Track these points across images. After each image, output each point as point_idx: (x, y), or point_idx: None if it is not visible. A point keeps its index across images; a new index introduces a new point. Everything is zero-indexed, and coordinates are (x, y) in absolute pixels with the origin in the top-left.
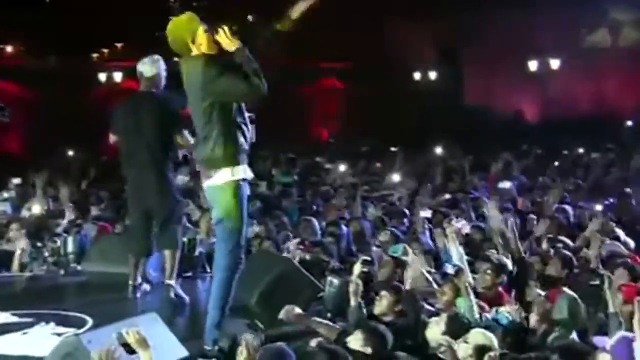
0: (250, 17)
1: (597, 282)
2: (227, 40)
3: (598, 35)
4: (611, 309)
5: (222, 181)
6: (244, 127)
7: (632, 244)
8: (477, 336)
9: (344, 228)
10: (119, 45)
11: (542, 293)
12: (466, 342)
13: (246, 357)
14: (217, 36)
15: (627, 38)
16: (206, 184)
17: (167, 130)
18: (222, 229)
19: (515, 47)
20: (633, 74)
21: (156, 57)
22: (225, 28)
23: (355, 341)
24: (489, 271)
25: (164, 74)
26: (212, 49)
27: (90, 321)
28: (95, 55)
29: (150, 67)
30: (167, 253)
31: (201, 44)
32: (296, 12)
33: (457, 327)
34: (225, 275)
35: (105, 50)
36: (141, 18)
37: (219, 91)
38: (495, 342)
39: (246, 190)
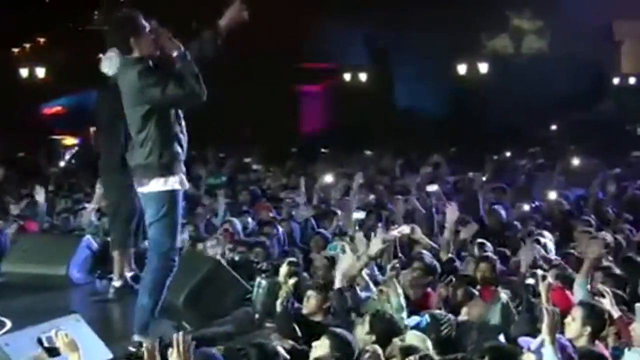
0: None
1: (532, 282)
2: (169, 43)
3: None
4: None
5: (155, 190)
6: (180, 135)
7: (553, 248)
8: (413, 339)
9: (280, 229)
10: (41, 40)
11: (475, 292)
12: (402, 341)
13: (176, 357)
14: (160, 38)
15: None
16: (139, 189)
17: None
18: (155, 231)
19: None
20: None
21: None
22: (168, 31)
23: (321, 347)
24: (418, 270)
25: None
26: (152, 49)
27: (8, 324)
28: (16, 50)
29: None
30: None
31: (142, 43)
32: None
33: (382, 327)
34: (157, 277)
35: (27, 45)
36: (66, 11)
37: (156, 99)
38: (429, 344)
39: (180, 199)
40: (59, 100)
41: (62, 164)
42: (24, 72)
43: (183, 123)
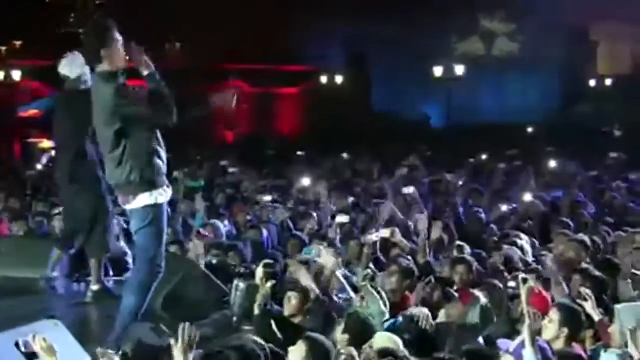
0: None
1: (513, 285)
2: (142, 61)
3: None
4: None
5: (141, 205)
6: (159, 148)
7: (529, 250)
8: (382, 340)
9: (265, 232)
10: (17, 43)
11: (455, 294)
12: (371, 347)
13: (180, 350)
14: (133, 55)
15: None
16: (124, 206)
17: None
18: (141, 238)
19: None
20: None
21: (72, 57)
22: (142, 49)
23: (298, 352)
24: (395, 274)
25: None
26: (122, 63)
27: None
28: None
29: (70, 68)
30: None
31: (112, 56)
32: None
33: (358, 328)
34: (143, 281)
35: (3, 48)
36: (41, 15)
37: (128, 119)
38: (400, 345)
39: (165, 208)
40: (34, 103)
41: (39, 167)
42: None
43: (160, 136)
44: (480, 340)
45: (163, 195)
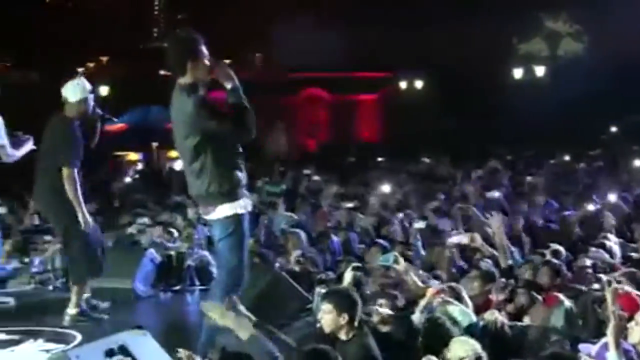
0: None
1: (598, 287)
2: (225, 75)
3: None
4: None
5: (222, 216)
6: (238, 160)
7: (618, 252)
8: (459, 345)
9: (335, 239)
10: (104, 58)
11: (539, 298)
12: (449, 352)
13: None
14: (216, 68)
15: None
16: (206, 216)
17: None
18: (222, 249)
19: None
20: None
21: (77, 81)
22: (226, 62)
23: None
24: (477, 278)
25: (90, 96)
26: (205, 76)
27: (79, 337)
28: (80, 69)
29: (73, 91)
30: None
31: (197, 68)
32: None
33: (437, 333)
34: (225, 291)
35: (91, 64)
36: (125, 31)
37: (209, 133)
38: (479, 349)
39: (246, 219)
40: (121, 117)
41: (126, 180)
42: None
43: (239, 147)
44: (565, 344)
45: (243, 206)
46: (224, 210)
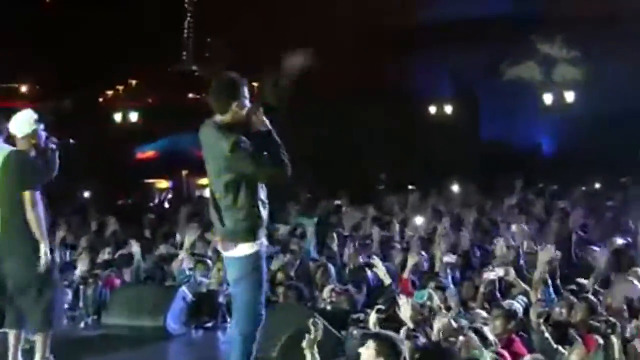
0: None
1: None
2: (260, 120)
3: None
4: None
5: (241, 254)
6: (264, 199)
7: None
8: None
9: (369, 274)
10: (133, 82)
11: (579, 339)
12: None
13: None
14: (254, 112)
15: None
16: (225, 253)
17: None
18: (240, 288)
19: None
20: None
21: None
22: (260, 106)
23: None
24: (499, 318)
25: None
26: (244, 118)
27: None
28: (110, 92)
29: (18, 127)
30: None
31: (239, 111)
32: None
33: None
34: (244, 332)
35: (120, 88)
36: (154, 55)
37: (246, 173)
38: None
39: (263, 256)
40: (151, 144)
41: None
42: (117, 117)
43: (265, 187)
44: None
45: (261, 246)
46: (244, 248)
